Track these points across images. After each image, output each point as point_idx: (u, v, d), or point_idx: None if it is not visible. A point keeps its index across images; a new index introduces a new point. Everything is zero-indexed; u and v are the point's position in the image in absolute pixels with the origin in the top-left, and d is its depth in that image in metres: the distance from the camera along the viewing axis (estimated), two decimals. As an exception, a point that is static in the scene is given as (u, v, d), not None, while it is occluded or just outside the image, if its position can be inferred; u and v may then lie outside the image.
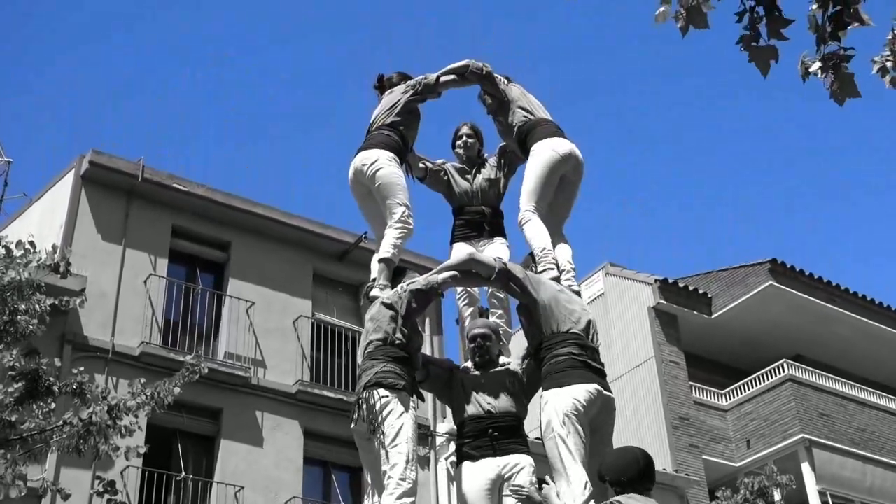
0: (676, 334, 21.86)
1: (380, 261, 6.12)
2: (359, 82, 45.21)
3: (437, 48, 45.35)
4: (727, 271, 22.88)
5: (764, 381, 21.45)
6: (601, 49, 50.15)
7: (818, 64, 4.72)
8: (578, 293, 6.04)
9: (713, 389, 21.97)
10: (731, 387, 22.11)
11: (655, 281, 21.88)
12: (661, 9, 4.52)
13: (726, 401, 21.95)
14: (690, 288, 22.45)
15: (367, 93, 6.90)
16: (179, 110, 46.29)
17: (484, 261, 5.90)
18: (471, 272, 5.93)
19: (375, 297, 5.89)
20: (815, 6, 4.85)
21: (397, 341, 5.62)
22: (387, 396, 5.40)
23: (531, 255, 6.14)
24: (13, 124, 40.18)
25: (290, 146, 48.61)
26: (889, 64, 5.22)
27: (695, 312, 22.17)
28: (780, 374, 21.26)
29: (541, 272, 5.93)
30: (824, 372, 22.11)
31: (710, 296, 22.62)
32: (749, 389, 21.66)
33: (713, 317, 22.38)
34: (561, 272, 6.00)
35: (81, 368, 10.60)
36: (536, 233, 6.13)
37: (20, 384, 9.70)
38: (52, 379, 9.89)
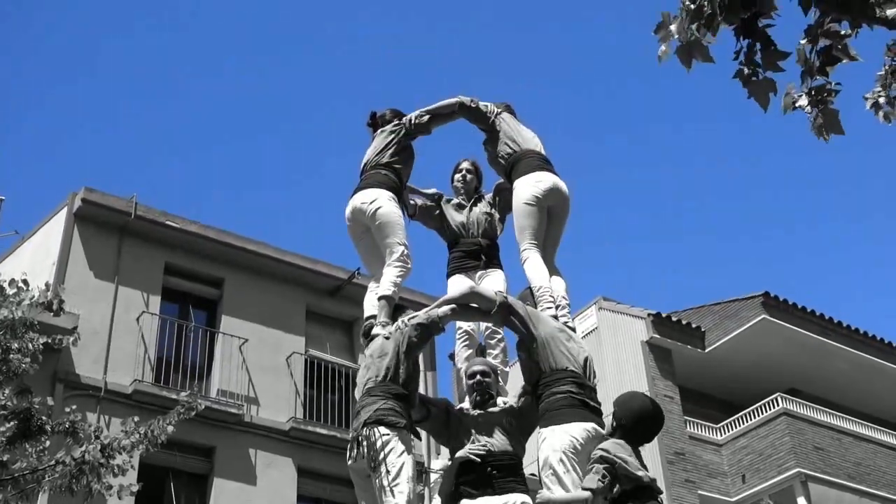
0: (670, 368, 21.81)
1: (380, 298, 6.10)
2: (351, 117, 45.41)
3: (432, 84, 45.59)
4: (720, 305, 22.89)
5: (758, 416, 21.39)
6: (591, 82, 50.47)
7: (805, 98, 4.75)
8: (573, 329, 6.04)
9: (708, 424, 21.91)
10: (726, 421, 22.04)
11: (649, 315, 21.87)
12: (662, 48, 4.55)
13: (721, 435, 21.88)
14: (684, 322, 22.44)
15: (360, 129, 6.95)
16: (172, 147, 46.40)
17: (485, 294, 5.90)
18: (471, 305, 5.93)
19: (377, 335, 5.87)
20: (804, 40, 4.89)
21: (399, 378, 5.59)
22: (388, 434, 5.36)
23: (529, 288, 6.14)
24: (5, 161, 40.20)
25: (283, 183, 48.71)
26: (882, 100, 5.26)
27: (688, 346, 22.14)
28: (774, 407, 21.21)
29: (540, 310, 5.92)
30: (819, 406, 22.07)
31: (703, 330, 22.60)
32: (744, 423, 21.59)
33: (707, 351, 22.35)
34: (557, 308, 6.00)
35: (74, 407, 10.55)
36: (536, 270, 6.14)
37: (12, 423, 9.65)
38: (44, 418, 9.85)
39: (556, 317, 5.91)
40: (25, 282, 10.05)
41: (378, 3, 47.29)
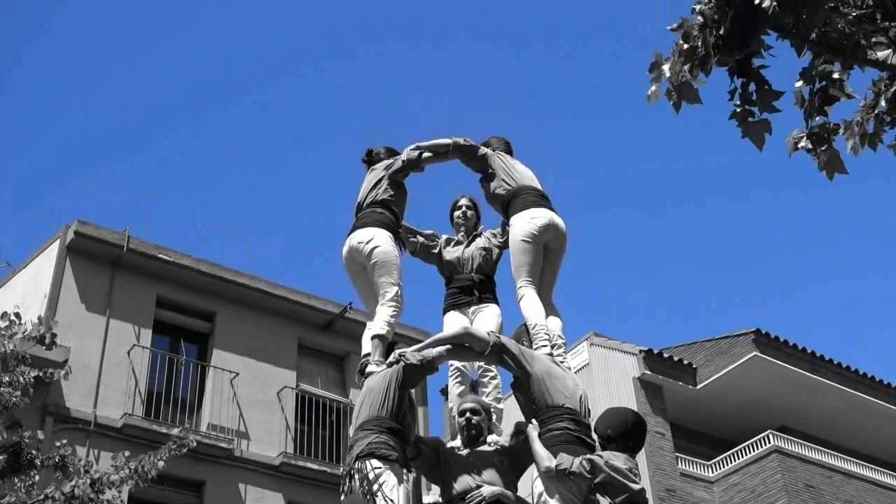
0: (662, 405, 21.76)
1: (373, 337, 6.13)
2: (342, 154, 45.52)
3: (425, 122, 45.77)
4: (711, 342, 22.87)
5: (750, 452, 21.33)
6: (585, 118, 50.71)
7: (806, 140, 4.80)
8: (569, 368, 6.05)
9: (699, 461, 21.83)
10: (718, 458, 21.97)
11: (640, 351, 21.84)
12: (653, 88, 4.59)
13: (713, 472, 21.80)
14: (675, 358, 22.41)
15: (351, 165, 7.01)
16: (165, 180, 46.42)
17: (478, 335, 5.91)
18: (465, 346, 5.94)
19: (371, 373, 5.89)
20: (800, 83, 4.95)
21: (392, 413, 5.59)
22: (380, 468, 5.37)
23: (525, 325, 6.15)
24: (-3, 193, 40.17)
25: (275, 217, 48.71)
26: (857, 131, 5.32)
27: (680, 383, 22.10)
28: (766, 445, 21.16)
29: (535, 348, 5.93)
30: (810, 443, 22.03)
31: (694, 366, 22.57)
32: (735, 461, 21.52)
33: (698, 387, 22.31)
34: (553, 346, 6.01)
35: (64, 441, 10.49)
36: (531, 308, 6.15)
37: (1, 457, 9.59)
38: (34, 452, 9.79)
39: (551, 355, 5.92)
40: (18, 315, 10.03)
41: (371, 45, 47.56)
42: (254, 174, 47.70)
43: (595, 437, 5.62)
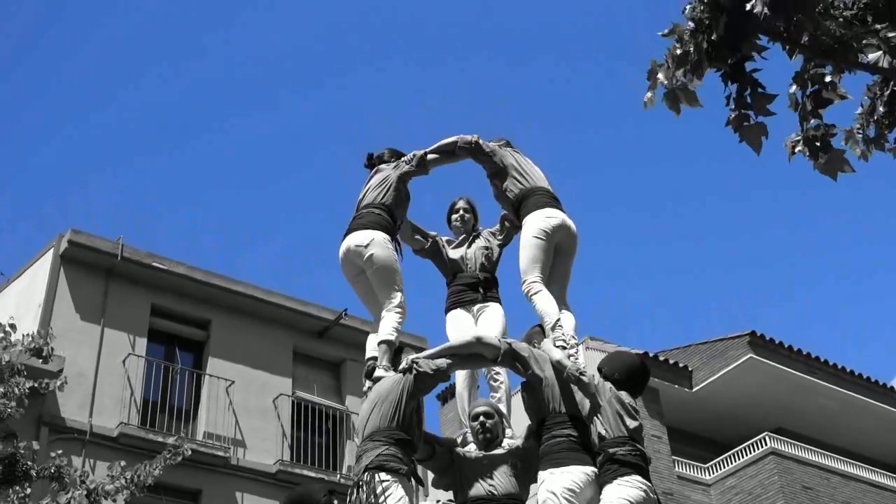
0: (658, 408, 21.74)
1: (381, 343, 6.09)
2: (340, 160, 45.53)
3: (426, 127, 45.78)
4: (707, 344, 22.87)
5: (746, 455, 21.32)
6: (584, 123, 50.78)
7: (803, 145, 4.80)
8: (584, 367, 6.00)
9: (696, 464, 21.81)
10: (714, 461, 21.96)
11: (636, 354, 21.81)
12: (648, 94, 4.59)
13: (709, 475, 21.78)
14: (671, 361, 22.41)
15: (346, 171, 6.96)
16: (159, 189, 46.38)
17: (489, 342, 5.87)
18: (475, 354, 5.91)
19: (379, 378, 5.85)
20: (793, 87, 4.96)
21: (402, 423, 5.55)
22: (387, 480, 5.33)
23: (539, 326, 6.12)
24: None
25: (270, 224, 48.69)
26: (859, 136, 5.33)
27: (675, 386, 22.09)
28: (762, 447, 21.15)
29: (552, 345, 5.89)
30: (807, 444, 22.04)
31: (690, 369, 22.57)
32: (732, 463, 21.51)
33: (694, 390, 22.31)
34: (567, 347, 5.97)
35: (60, 452, 10.47)
36: (546, 305, 6.10)
37: (-3, 469, 9.56)
38: (29, 462, 9.76)
39: (569, 356, 5.88)
40: (13, 326, 10.01)
41: (368, 50, 47.58)
42: (247, 182, 47.73)
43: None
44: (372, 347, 6.18)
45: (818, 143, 4.87)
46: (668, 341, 46.72)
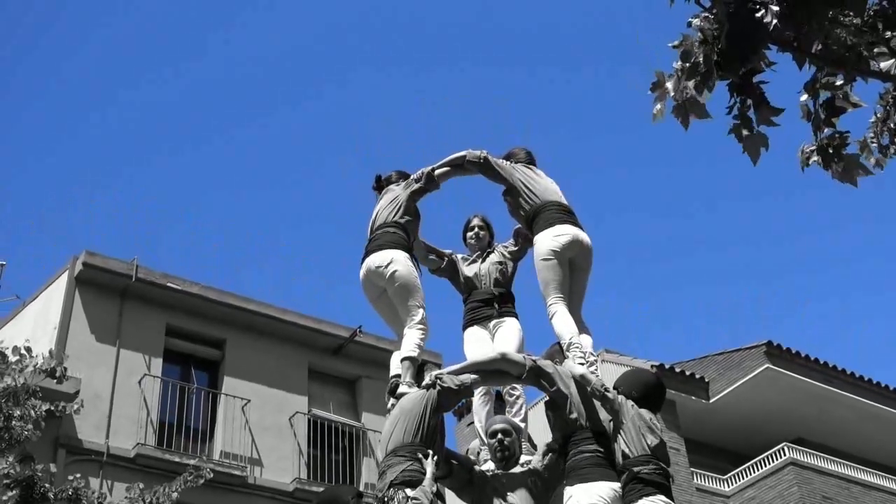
0: (675, 420, 21.66)
1: (404, 359, 6.09)
2: (350, 177, 45.60)
3: (434, 138, 45.83)
4: (723, 355, 22.79)
5: (765, 466, 21.22)
6: (580, 125, 50.75)
7: (815, 155, 4.78)
8: (603, 385, 5.98)
9: (715, 475, 21.71)
10: (733, 472, 21.87)
11: (652, 366, 21.75)
12: (658, 106, 4.56)
13: (728, 486, 21.68)
14: (687, 373, 22.34)
15: (359, 188, 7.00)
16: (173, 209, 46.52)
17: (514, 359, 5.86)
18: (500, 370, 5.89)
19: (403, 394, 5.85)
20: (805, 96, 4.93)
21: (426, 439, 5.53)
22: (413, 498, 5.33)
23: (558, 344, 6.10)
24: (6, 226, 40.33)
25: (284, 242, 48.78)
26: (874, 145, 5.30)
27: (693, 397, 22.02)
28: (781, 457, 21.04)
29: (571, 364, 5.88)
30: (826, 454, 21.91)
31: (707, 380, 22.49)
32: (751, 474, 21.41)
33: (711, 401, 22.23)
34: (587, 364, 5.96)
35: (78, 474, 10.46)
36: (564, 325, 6.10)
37: (14, 492, 9.55)
38: (47, 485, 9.75)
39: (591, 372, 5.87)
40: (28, 349, 10.03)
41: (368, 51, 47.69)
42: (260, 200, 47.83)
43: None
44: (395, 365, 6.20)
45: (831, 151, 4.85)
46: (685, 353, 46.60)
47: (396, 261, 6.26)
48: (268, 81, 46.87)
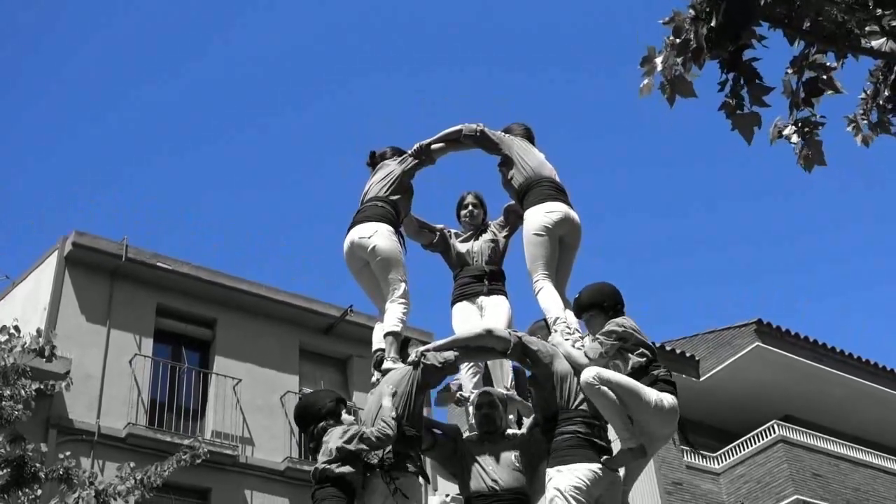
0: (666, 398, 21.72)
1: (387, 334, 6.08)
2: (344, 156, 45.48)
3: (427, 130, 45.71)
4: (713, 333, 22.84)
5: (755, 443, 21.31)
6: (580, 125, 50.68)
7: (791, 128, 4.78)
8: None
9: (705, 453, 21.81)
10: (723, 450, 21.96)
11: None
12: (645, 81, 4.55)
13: (718, 464, 21.78)
14: (677, 351, 22.40)
15: (350, 169, 6.95)
16: (163, 189, 46.35)
17: (500, 335, 5.82)
18: (485, 346, 5.87)
19: (388, 369, 5.83)
20: (790, 70, 4.92)
21: (411, 418, 5.52)
22: (398, 478, 5.33)
23: (544, 320, 6.08)
24: (-5, 207, 40.11)
25: (273, 222, 48.66)
26: (863, 122, 5.30)
27: (683, 376, 22.05)
28: (771, 435, 21.13)
29: (558, 341, 5.85)
30: (815, 432, 22.02)
31: (697, 358, 22.56)
32: (741, 452, 21.50)
33: (701, 379, 22.29)
34: (574, 341, 5.93)
35: (68, 453, 10.49)
36: (551, 301, 6.07)
37: (5, 471, 9.57)
38: (38, 465, 9.76)
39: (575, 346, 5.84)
40: (17, 328, 10.01)
41: (369, 51, 47.51)
42: (251, 180, 47.69)
43: (578, 320, 5.92)
44: (378, 339, 6.18)
45: (805, 132, 4.85)
46: (674, 331, 46.68)
47: (380, 233, 6.23)
48: (268, 82, 46.61)
